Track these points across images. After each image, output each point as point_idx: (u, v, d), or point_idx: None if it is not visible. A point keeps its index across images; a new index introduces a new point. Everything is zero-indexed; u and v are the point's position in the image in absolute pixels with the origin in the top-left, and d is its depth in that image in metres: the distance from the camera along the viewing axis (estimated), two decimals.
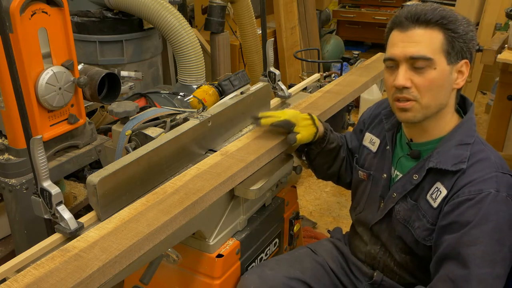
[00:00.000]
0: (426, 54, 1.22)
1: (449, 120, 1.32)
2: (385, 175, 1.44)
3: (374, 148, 1.52)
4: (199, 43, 2.66)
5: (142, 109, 1.70)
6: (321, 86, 2.23)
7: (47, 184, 1.17)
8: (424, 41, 1.23)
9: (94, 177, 1.20)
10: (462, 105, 1.37)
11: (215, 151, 1.53)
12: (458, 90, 1.32)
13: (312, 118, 1.54)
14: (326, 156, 1.63)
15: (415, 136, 1.37)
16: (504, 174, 1.23)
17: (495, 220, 1.18)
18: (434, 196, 1.29)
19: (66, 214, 1.17)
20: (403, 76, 1.24)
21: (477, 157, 1.25)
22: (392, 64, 1.28)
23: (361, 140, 1.59)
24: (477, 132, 1.31)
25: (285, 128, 1.52)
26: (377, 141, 1.51)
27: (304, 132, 1.51)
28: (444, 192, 1.27)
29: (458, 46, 1.24)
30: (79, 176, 2.43)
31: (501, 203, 1.19)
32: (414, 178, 1.33)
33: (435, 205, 1.28)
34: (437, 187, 1.28)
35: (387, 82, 1.31)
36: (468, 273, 1.17)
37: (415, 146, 1.37)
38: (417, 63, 1.23)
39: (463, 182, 1.23)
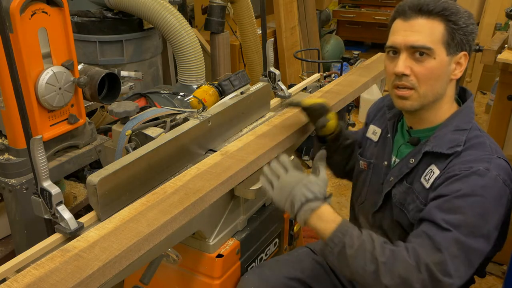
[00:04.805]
0: (426, 44, 1.24)
1: (448, 109, 1.34)
2: (385, 163, 1.46)
3: (375, 138, 1.54)
4: (199, 43, 2.66)
5: (142, 109, 1.70)
6: (321, 86, 2.23)
7: (47, 184, 1.17)
8: (425, 31, 1.25)
9: (94, 177, 1.20)
10: (463, 96, 1.40)
11: (215, 151, 1.53)
12: (457, 81, 1.34)
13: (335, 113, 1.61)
14: (343, 152, 1.67)
15: (414, 124, 1.40)
16: (498, 158, 1.23)
17: (480, 195, 1.17)
18: (427, 177, 1.30)
19: (66, 214, 1.17)
20: (403, 63, 1.27)
21: (473, 142, 1.26)
22: (393, 51, 1.31)
23: (365, 132, 1.62)
24: (475, 121, 1.33)
25: (320, 111, 1.58)
26: (379, 131, 1.54)
27: (333, 121, 1.58)
28: (437, 172, 1.28)
29: (458, 38, 1.26)
30: (79, 176, 2.43)
31: (490, 180, 1.18)
32: (411, 162, 1.35)
33: (428, 185, 1.29)
34: (431, 169, 1.30)
35: (388, 69, 1.34)
36: (447, 234, 1.15)
37: (414, 133, 1.40)
38: (417, 52, 1.25)
39: (456, 162, 1.24)
